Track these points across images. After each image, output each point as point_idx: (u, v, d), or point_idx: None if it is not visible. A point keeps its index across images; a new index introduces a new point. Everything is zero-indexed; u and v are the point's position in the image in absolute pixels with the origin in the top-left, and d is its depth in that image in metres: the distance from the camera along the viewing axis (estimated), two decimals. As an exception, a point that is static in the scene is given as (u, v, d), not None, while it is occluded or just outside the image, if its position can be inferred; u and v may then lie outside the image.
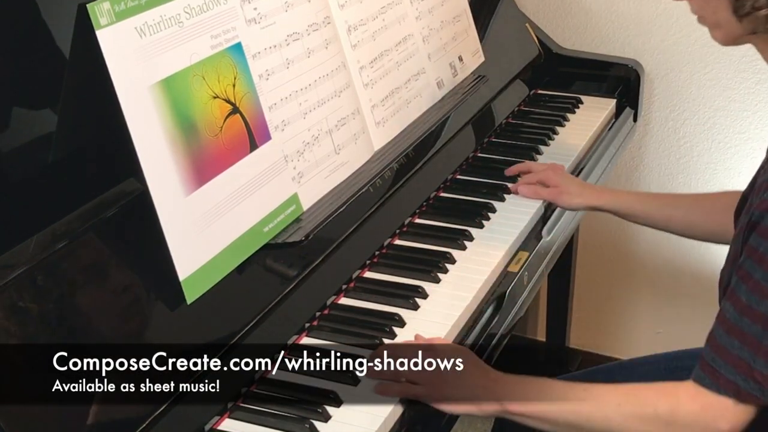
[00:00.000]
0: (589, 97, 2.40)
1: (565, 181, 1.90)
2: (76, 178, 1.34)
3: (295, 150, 1.59)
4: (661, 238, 2.74)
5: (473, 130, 2.15)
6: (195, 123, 1.38)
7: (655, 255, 2.76)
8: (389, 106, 1.87)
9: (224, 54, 1.46)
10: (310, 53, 1.66)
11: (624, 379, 1.67)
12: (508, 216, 1.85)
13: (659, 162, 2.67)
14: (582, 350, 2.91)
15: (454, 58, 2.15)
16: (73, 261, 1.26)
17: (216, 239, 1.39)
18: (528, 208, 1.88)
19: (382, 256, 1.69)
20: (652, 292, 2.79)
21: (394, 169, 1.80)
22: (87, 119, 1.36)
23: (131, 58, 1.31)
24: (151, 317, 1.32)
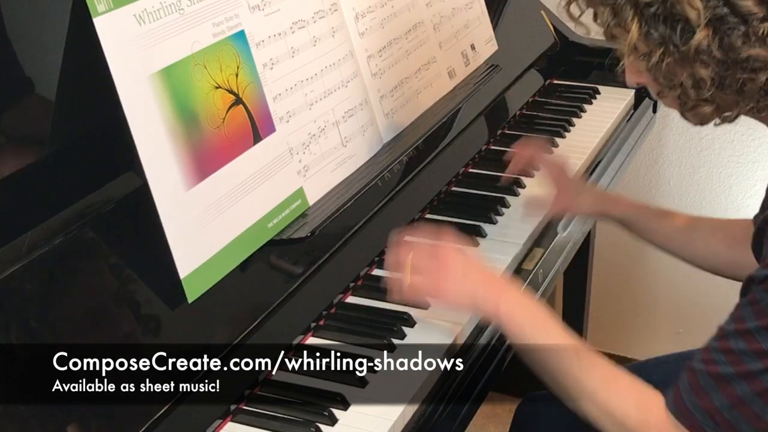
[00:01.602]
0: (607, 87, 2.39)
1: (574, 185, 1.79)
2: (72, 171, 1.34)
3: (301, 142, 1.58)
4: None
5: (486, 122, 2.15)
6: (196, 114, 1.38)
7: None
8: (398, 97, 1.87)
9: (227, 42, 1.46)
10: (316, 41, 1.65)
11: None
12: (522, 211, 1.84)
13: (679, 155, 2.66)
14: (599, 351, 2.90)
15: (466, 46, 2.15)
16: (69, 258, 1.27)
17: (218, 235, 1.39)
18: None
19: (391, 253, 1.69)
20: (672, 290, 2.78)
21: (404, 162, 1.80)
22: (84, 110, 1.36)
23: (130, 46, 1.31)
24: (151, 317, 1.31)
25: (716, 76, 1.22)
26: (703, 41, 1.19)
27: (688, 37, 1.20)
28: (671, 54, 1.22)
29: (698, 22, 1.18)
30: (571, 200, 1.76)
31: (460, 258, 1.41)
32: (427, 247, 1.43)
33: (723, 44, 1.19)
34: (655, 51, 1.23)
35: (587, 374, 1.32)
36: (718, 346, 1.23)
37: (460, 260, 1.41)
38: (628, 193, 2.72)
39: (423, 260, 1.41)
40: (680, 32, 1.20)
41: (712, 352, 1.24)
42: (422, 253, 1.42)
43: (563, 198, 1.76)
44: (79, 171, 1.35)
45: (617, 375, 1.33)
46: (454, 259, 1.41)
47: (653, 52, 1.23)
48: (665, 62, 1.23)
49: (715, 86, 1.23)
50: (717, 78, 1.22)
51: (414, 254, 1.42)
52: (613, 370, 1.34)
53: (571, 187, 1.78)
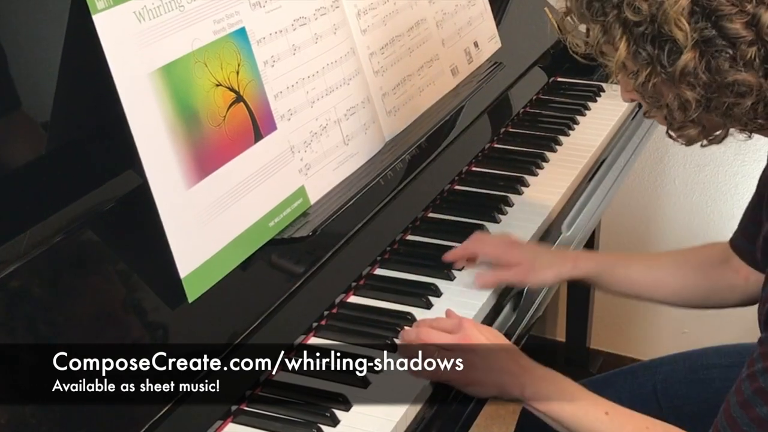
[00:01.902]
0: (612, 84, 2.37)
1: (527, 255, 1.63)
2: (71, 169, 1.34)
3: (302, 140, 1.58)
4: (683, 234, 2.73)
5: (489, 120, 2.14)
6: (197, 112, 1.38)
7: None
8: (401, 95, 1.87)
9: (227, 39, 1.45)
10: (318, 39, 1.65)
11: (647, 381, 1.68)
12: (526, 210, 1.84)
13: (685, 153, 2.66)
14: (603, 351, 2.90)
15: (469, 43, 2.14)
16: (68, 258, 1.26)
17: (219, 234, 1.39)
18: (547, 203, 1.87)
19: (394, 252, 1.69)
20: (678, 290, 2.77)
21: (406, 160, 1.79)
22: (83, 108, 1.36)
23: (130, 43, 1.30)
24: (150, 316, 1.31)
25: (702, 98, 1.22)
26: (689, 63, 1.19)
27: (675, 58, 1.20)
28: (658, 74, 1.22)
29: (685, 44, 1.18)
30: (527, 273, 1.61)
31: (482, 348, 1.38)
32: (448, 337, 1.39)
33: (710, 67, 1.19)
34: (643, 70, 1.23)
35: (620, 430, 1.32)
36: (751, 389, 1.21)
37: (481, 351, 1.37)
38: (632, 193, 2.74)
39: (447, 355, 1.35)
40: (667, 53, 1.20)
41: (747, 395, 1.21)
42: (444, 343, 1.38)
43: (518, 273, 1.61)
44: (78, 169, 1.35)
45: (649, 426, 1.32)
46: (476, 348, 1.37)
47: (641, 72, 1.24)
48: (652, 82, 1.23)
49: (701, 108, 1.23)
50: (703, 101, 1.22)
51: (434, 337, 1.38)
52: (645, 421, 1.33)
53: (523, 260, 1.62)
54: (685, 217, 2.74)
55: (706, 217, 2.71)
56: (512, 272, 1.60)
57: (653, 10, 1.19)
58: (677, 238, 2.72)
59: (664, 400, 1.65)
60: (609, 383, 1.70)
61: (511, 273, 1.60)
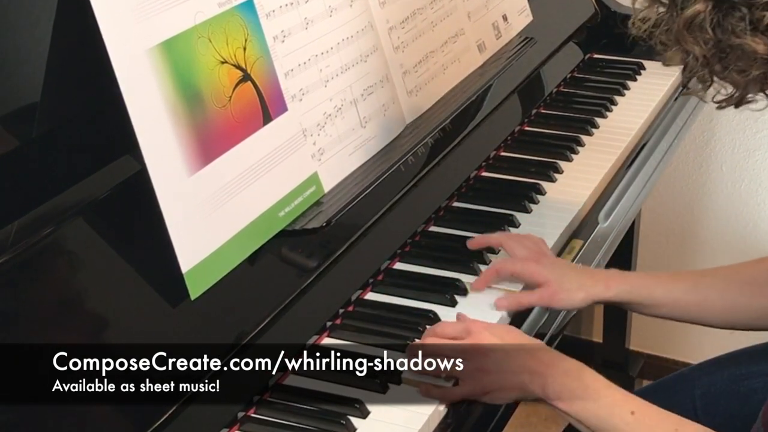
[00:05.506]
0: (653, 62, 2.37)
1: (555, 275, 1.59)
2: (63, 155, 1.35)
3: (315, 123, 1.58)
4: (731, 225, 2.72)
5: (519, 100, 2.15)
6: (200, 92, 1.38)
7: (726, 244, 2.74)
8: (423, 73, 1.86)
9: (234, 12, 1.45)
10: (332, 12, 1.65)
11: (685, 397, 1.67)
12: (559, 199, 1.85)
13: (733, 136, 2.64)
14: (644, 353, 2.90)
15: (497, 17, 2.14)
16: (61, 251, 1.27)
17: (224, 226, 1.39)
18: (583, 190, 1.87)
19: (415, 245, 1.69)
20: (725, 286, 2.76)
21: (429, 144, 1.79)
22: (76, 87, 1.36)
23: (127, 17, 1.30)
24: (150, 314, 1.32)
25: (710, 57, 1.23)
26: (699, 13, 1.20)
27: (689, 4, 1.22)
28: (674, 20, 1.23)
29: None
30: (553, 295, 1.58)
31: (494, 349, 1.36)
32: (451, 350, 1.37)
33: (720, 23, 1.20)
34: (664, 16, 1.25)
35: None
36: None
37: (493, 353, 1.36)
38: (675, 181, 2.73)
39: (456, 371, 1.35)
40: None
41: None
42: (452, 350, 1.37)
43: (543, 296, 1.58)
44: (71, 154, 1.36)
45: (679, 428, 1.32)
46: (487, 350, 1.36)
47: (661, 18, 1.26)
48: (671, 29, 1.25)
49: (706, 69, 1.24)
50: (710, 60, 1.23)
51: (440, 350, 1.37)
52: (675, 423, 1.32)
53: (550, 280, 1.59)
54: (733, 207, 2.73)
55: (756, 206, 2.70)
56: (537, 295, 1.58)
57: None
58: (724, 231, 2.71)
59: (704, 418, 1.63)
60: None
61: (535, 296, 1.58)
